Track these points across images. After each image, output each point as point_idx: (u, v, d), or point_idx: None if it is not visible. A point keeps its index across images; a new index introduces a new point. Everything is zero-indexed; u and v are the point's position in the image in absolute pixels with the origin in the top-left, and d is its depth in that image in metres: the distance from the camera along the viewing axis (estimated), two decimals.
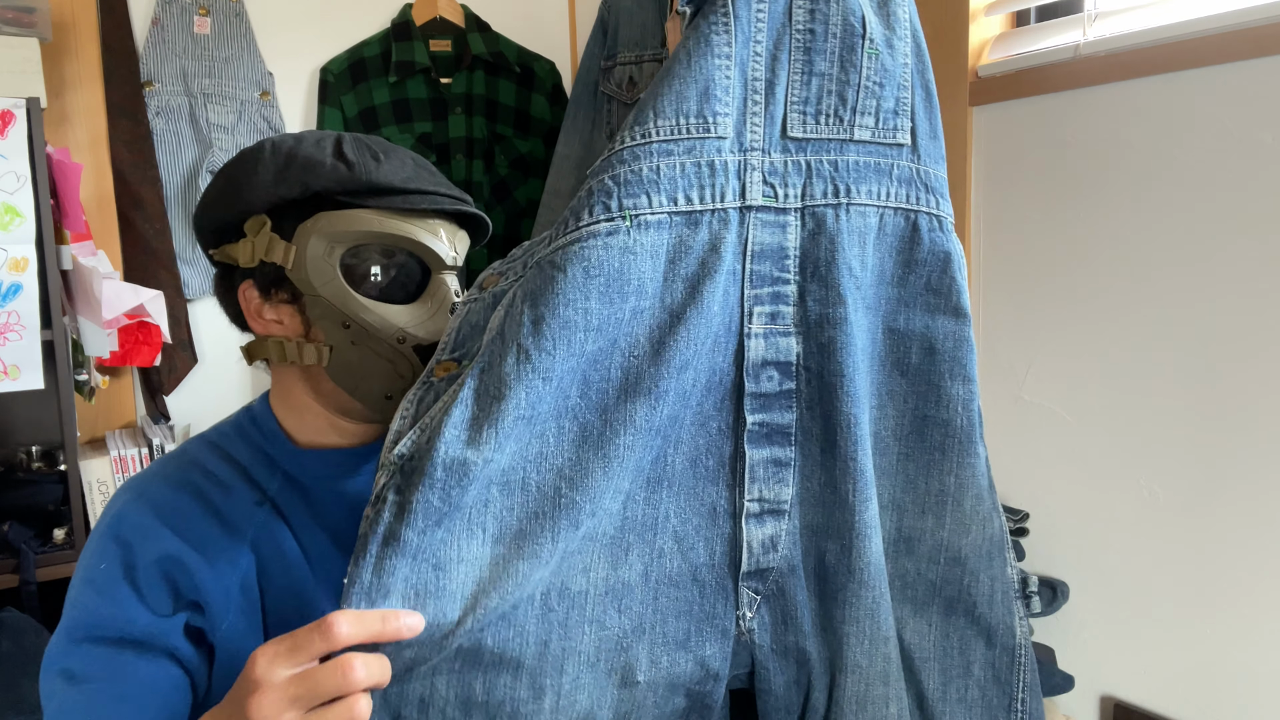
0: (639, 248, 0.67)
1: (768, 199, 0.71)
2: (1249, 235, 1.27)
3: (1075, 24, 1.46)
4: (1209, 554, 1.34)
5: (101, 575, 0.79)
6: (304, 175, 0.81)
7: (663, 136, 0.67)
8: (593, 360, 0.67)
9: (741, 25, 0.69)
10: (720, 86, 0.68)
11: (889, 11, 0.75)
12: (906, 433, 0.76)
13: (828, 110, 0.72)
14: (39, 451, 1.91)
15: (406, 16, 2.24)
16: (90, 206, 1.89)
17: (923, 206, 0.76)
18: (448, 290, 0.85)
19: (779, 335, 0.73)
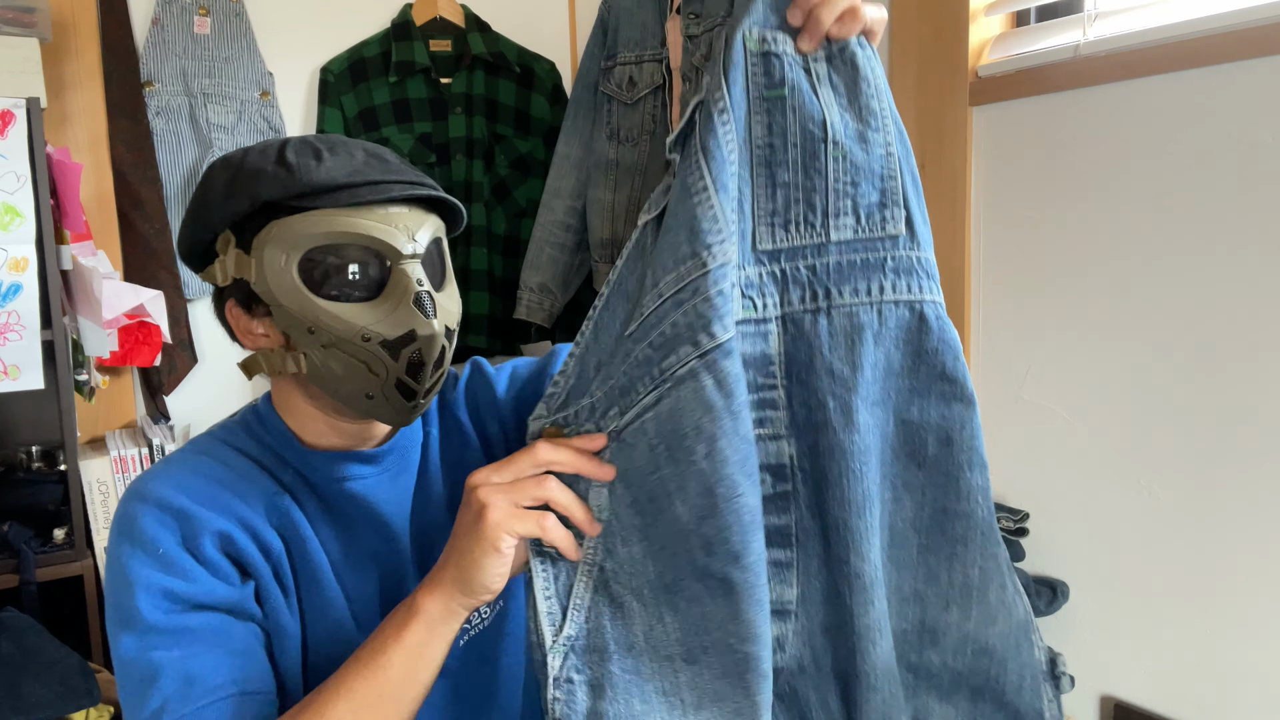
0: (683, 402, 0.70)
1: (747, 311, 0.73)
2: (1249, 235, 1.27)
3: (1075, 24, 1.46)
4: (1209, 554, 1.34)
5: (164, 556, 0.79)
6: (250, 186, 0.80)
7: (672, 291, 0.70)
8: (699, 516, 0.71)
9: (712, 155, 0.71)
10: (706, 219, 0.70)
11: (861, 105, 0.73)
12: (926, 525, 0.75)
13: (797, 218, 0.73)
14: (39, 451, 1.91)
15: (406, 16, 2.24)
16: (90, 206, 1.89)
17: (927, 295, 0.74)
18: (409, 281, 0.81)
19: (768, 440, 0.74)
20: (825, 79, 0.72)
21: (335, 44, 2.20)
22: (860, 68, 0.73)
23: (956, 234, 1.60)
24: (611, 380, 0.74)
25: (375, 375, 0.82)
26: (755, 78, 0.72)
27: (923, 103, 1.64)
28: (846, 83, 0.73)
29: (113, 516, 0.84)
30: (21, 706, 1.31)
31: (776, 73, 0.72)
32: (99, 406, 1.95)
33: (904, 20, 1.67)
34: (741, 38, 0.71)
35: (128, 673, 0.77)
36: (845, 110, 0.72)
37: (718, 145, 0.70)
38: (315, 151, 0.81)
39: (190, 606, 0.78)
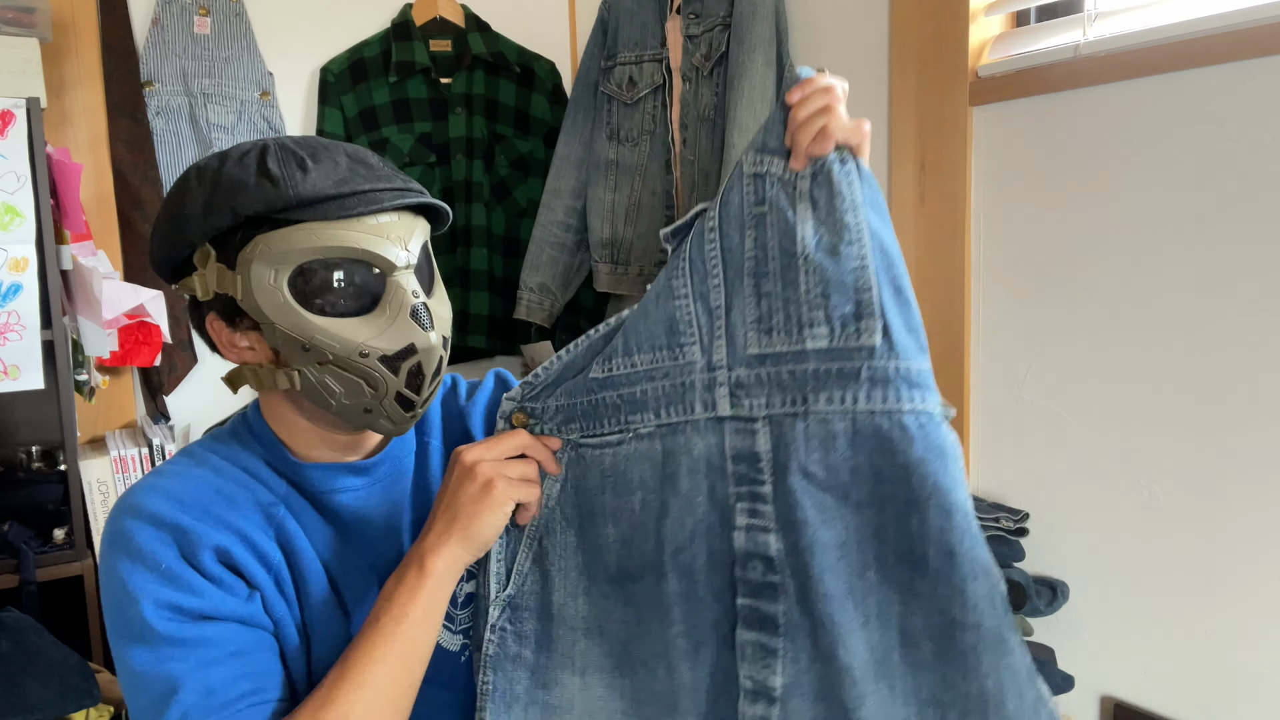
0: (637, 454, 0.83)
1: (736, 410, 0.80)
2: (1249, 235, 1.27)
3: (1075, 24, 1.46)
4: (1209, 554, 1.34)
5: (168, 571, 0.78)
6: (231, 200, 0.77)
7: (645, 367, 0.82)
8: (622, 542, 0.83)
9: (696, 268, 0.81)
10: (683, 321, 0.81)
11: (835, 220, 0.76)
12: (937, 634, 0.75)
13: (778, 326, 0.78)
14: (39, 451, 1.91)
15: (406, 16, 2.25)
16: (90, 206, 1.89)
17: (906, 405, 0.75)
18: (405, 293, 0.80)
19: (759, 531, 0.79)
20: (806, 195, 0.77)
21: (335, 44, 2.20)
22: (835, 184, 0.76)
23: (956, 234, 1.60)
24: (574, 401, 0.85)
25: (374, 390, 0.81)
26: (747, 196, 0.79)
27: (923, 103, 1.64)
28: (825, 198, 0.77)
29: (103, 530, 0.82)
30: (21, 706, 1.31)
31: (761, 192, 0.79)
32: (99, 406, 1.95)
33: (904, 20, 1.67)
34: (741, 161, 0.80)
35: (141, 685, 0.76)
36: (821, 225, 0.77)
37: (703, 259, 0.80)
38: (299, 161, 0.78)
39: (200, 618, 0.77)
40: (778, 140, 0.78)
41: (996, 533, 1.46)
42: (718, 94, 1.92)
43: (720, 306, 0.80)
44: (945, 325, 1.64)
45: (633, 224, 2.09)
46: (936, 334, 1.66)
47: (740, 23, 1.84)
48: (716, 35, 1.91)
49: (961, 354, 1.62)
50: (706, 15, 1.93)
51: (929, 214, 1.65)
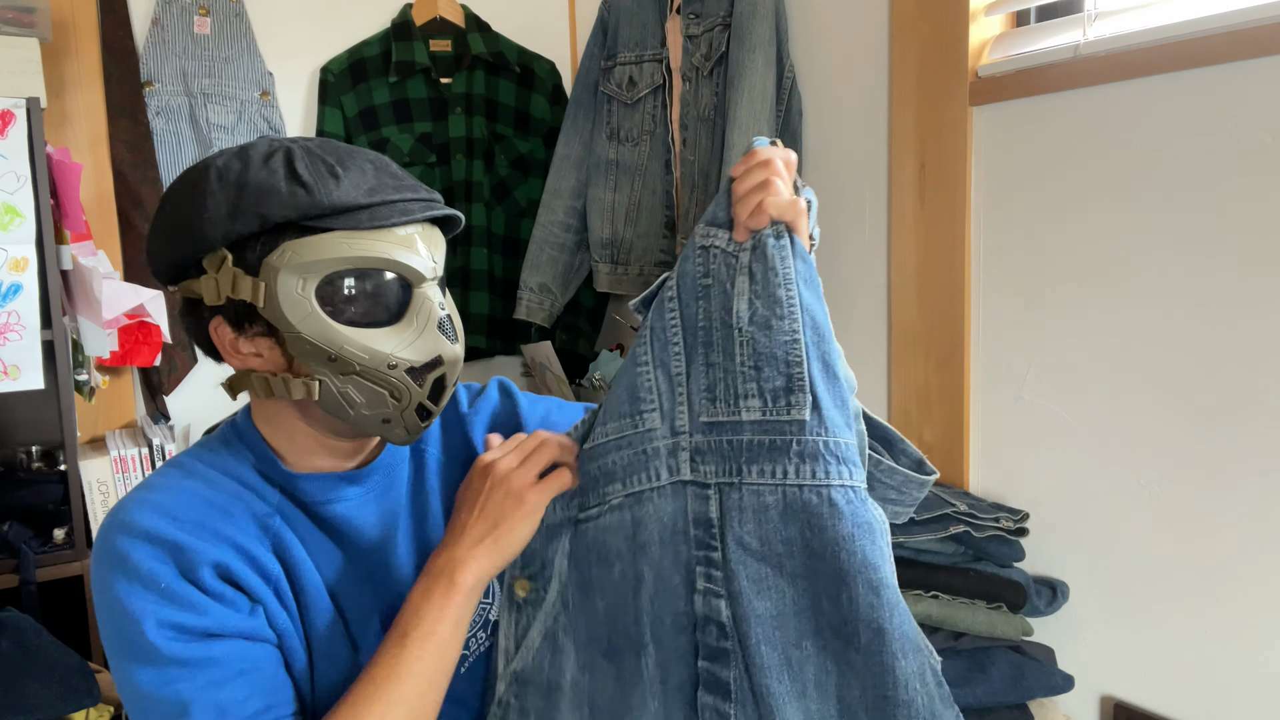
0: (611, 526, 0.83)
1: (695, 475, 0.80)
2: (1249, 235, 1.27)
3: (1075, 24, 1.46)
4: (1209, 554, 1.34)
5: (167, 590, 0.76)
6: (259, 206, 0.75)
7: (612, 437, 0.83)
8: (609, 616, 0.83)
9: (658, 335, 0.82)
10: (643, 389, 0.82)
11: (769, 294, 0.77)
12: (871, 706, 0.76)
13: (721, 395, 0.79)
14: (39, 451, 1.91)
15: (406, 16, 2.25)
16: (90, 206, 1.89)
17: (835, 480, 0.75)
18: (432, 305, 0.80)
19: (714, 596, 0.79)
20: (745, 268, 0.78)
21: (335, 44, 2.20)
22: (769, 258, 0.77)
23: (956, 234, 1.60)
24: (582, 474, 0.86)
25: (397, 400, 0.80)
26: (697, 267, 0.81)
27: (923, 103, 1.64)
28: (760, 272, 0.78)
29: (94, 547, 0.80)
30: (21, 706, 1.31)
31: (706, 265, 0.80)
32: (99, 406, 1.95)
33: (904, 20, 1.67)
34: (694, 233, 0.81)
35: (149, 707, 0.74)
36: (757, 298, 0.78)
37: (664, 328, 0.82)
38: (329, 168, 0.77)
39: (205, 636, 0.76)
40: (725, 213, 0.80)
41: (996, 533, 1.46)
42: (718, 94, 1.92)
43: (681, 374, 0.81)
44: (945, 325, 1.64)
45: (633, 224, 2.09)
46: (936, 334, 1.66)
47: (740, 23, 1.84)
48: (716, 35, 1.91)
49: (961, 354, 1.62)
50: (706, 15, 1.93)
51: (929, 214, 1.65)
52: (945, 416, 1.66)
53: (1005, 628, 1.42)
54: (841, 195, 1.83)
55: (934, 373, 1.67)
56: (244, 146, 0.81)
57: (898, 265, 1.71)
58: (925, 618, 1.39)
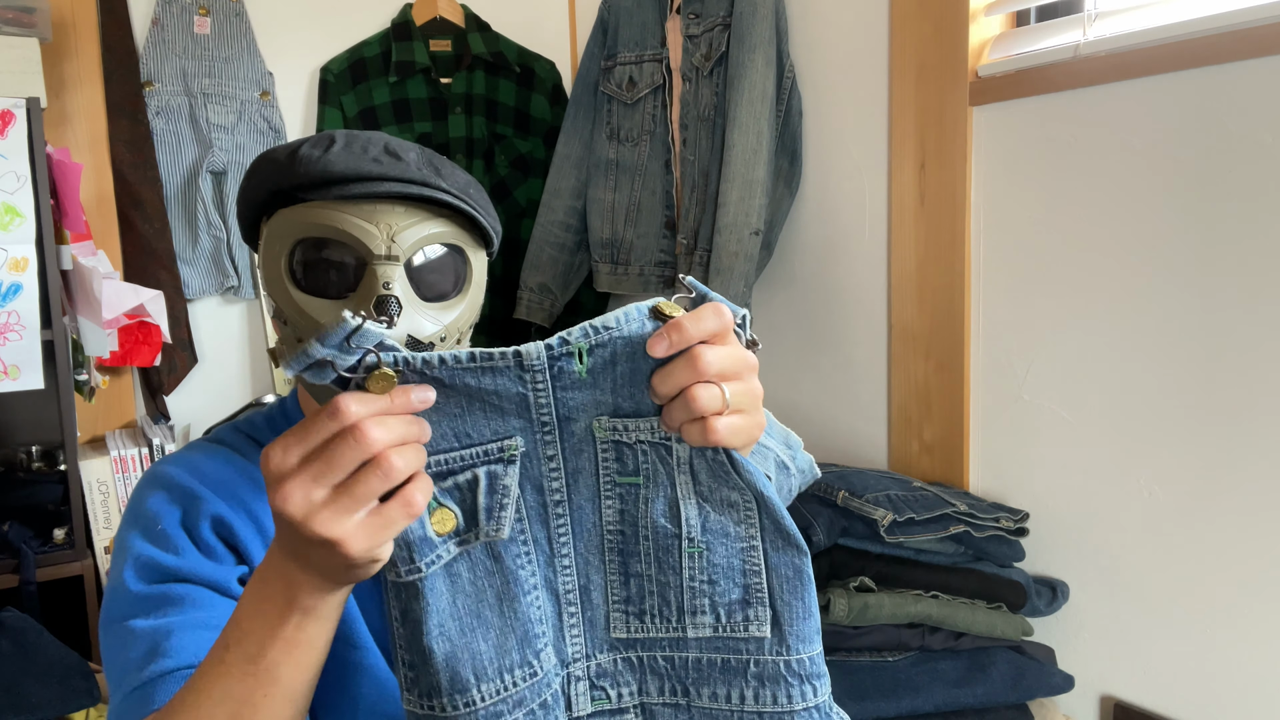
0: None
1: (598, 703, 0.68)
2: (1249, 236, 1.27)
3: (1075, 24, 1.46)
4: (1209, 554, 1.34)
5: (161, 532, 0.80)
6: (263, 175, 0.81)
7: (490, 699, 0.64)
8: None
9: (541, 548, 0.66)
10: (535, 621, 0.66)
11: (721, 498, 0.66)
12: None
13: (652, 610, 0.68)
14: (39, 451, 1.91)
15: (406, 16, 2.25)
16: (90, 206, 1.89)
17: (799, 703, 0.67)
18: (376, 284, 0.78)
19: None
20: (686, 464, 0.66)
21: (335, 44, 2.20)
22: (720, 458, 0.65)
23: (956, 234, 1.60)
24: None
25: None
26: (607, 464, 0.66)
27: (923, 103, 1.64)
28: (708, 471, 0.66)
29: (129, 500, 0.85)
30: (21, 706, 1.31)
31: (630, 460, 0.66)
32: (99, 406, 1.95)
33: (904, 20, 1.67)
34: (590, 426, 0.65)
35: (107, 639, 0.78)
36: (705, 501, 0.66)
37: (549, 537, 0.67)
38: (329, 143, 0.80)
39: (173, 579, 0.78)
40: (635, 402, 0.64)
41: (996, 533, 1.46)
42: (718, 94, 1.92)
43: (572, 590, 0.68)
44: (945, 325, 1.64)
45: (633, 224, 2.10)
46: (937, 334, 1.66)
47: (740, 23, 1.84)
48: (716, 35, 1.91)
49: (961, 354, 1.62)
50: (706, 15, 1.93)
51: (929, 214, 1.65)
52: (945, 416, 1.66)
53: (1005, 628, 1.42)
54: (841, 195, 1.83)
55: (934, 373, 1.67)
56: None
57: (898, 265, 1.71)
58: (925, 618, 1.39)
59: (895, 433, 1.75)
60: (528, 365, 0.62)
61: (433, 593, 0.63)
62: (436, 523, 0.63)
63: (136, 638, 0.75)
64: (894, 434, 1.75)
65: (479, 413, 0.63)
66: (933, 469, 1.69)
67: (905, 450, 1.74)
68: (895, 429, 1.75)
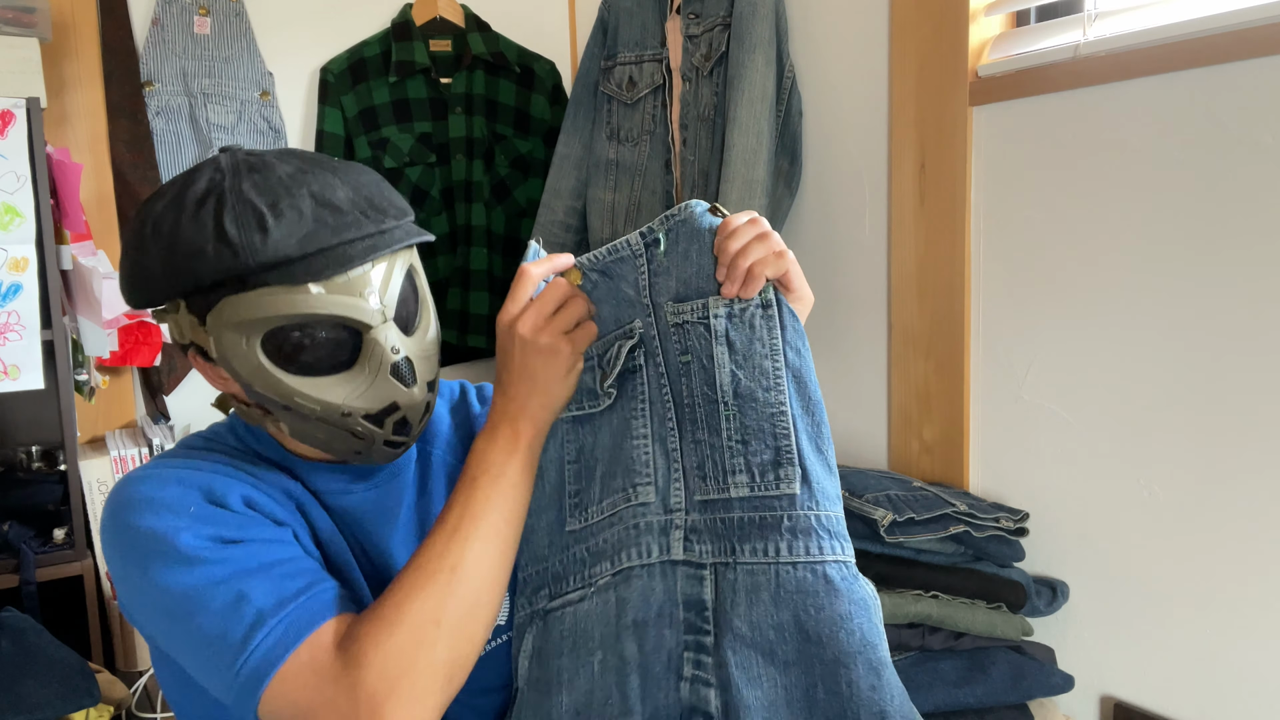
0: (596, 609, 0.79)
1: (688, 554, 0.78)
2: (1249, 236, 1.27)
3: (1075, 24, 1.46)
4: (1209, 554, 1.34)
5: (198, 513, 0.75)
6: (191, 266, 0.72)
7: (608, 512, 0.80)
8: (575, 711, 0.77)
9: (655, 409, 0.81)
10: (640, 462, 0.80)
11: (754, 365, 0.75)
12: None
13: (710, 473, 0.77)
14: (39, 451, 1.91)
15: (406, 16, 2.25)
16: (90, 206, 1.89)
17: (829, 555, 0.72)
18: (384, 350, 0.76)
19: (701, 685, 0.75)
20: (723, 337, 0.77)
21: (335, 44, 2.20)
22: (756, 329, 0.76)
23: (956, 234, 1.60)
24: (545, 565, 0.83)
25: (360, 439, 0.79)
26: (674, 345, 0.80)
27: (923, 103, 1.64)
28: (743, 342, 0.76)
29: (103, 519, 0.79)
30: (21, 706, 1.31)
31: (684, 341, 0.79)
32: (99, 406, 1.95)
33: (904, 20, 1.67)
34: (665, 311, 0.80)
35: (192, 604, 0.72)
36: (739, 369, 0.76)
37: (660, 402, 0.81)
38: (259, 219, 0.72)
39: (237, 542, 0.75)
40: (687, 285, 0.78)
41: (996, 533, 1.46)
42: (718, 94, 1.92)
43: (676, 449, 0.80)
44: (945, 325, 1.64)
45: (633, 224, 2.09)
46: (937, 334, 1.66)
47: (740, 23, 1.84)
48: (716, 35, 1.91)
49: (961, 354, 1.62)
50: (706, 15, 1.93)
51: (929, 214, 1.65)
52: (945, 416, 1.66)
53: (1005, 628, 1.42)
54: (841, 195, 1.83)
55: (934, 373, 1.67)
56: (186, 181, 0.76)
57: (898, 265, 1.71)
58: (925, 618, 1.39)
59: (895, 433, 1.75)
60: (635, 251, 0.81)
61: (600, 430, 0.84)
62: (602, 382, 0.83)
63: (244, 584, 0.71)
64: (894, 434, 1.75)
65: (624, 303, 0.82)
66: (933, 469, 1.69)
67: (905, 450, 1.74)
68: (895, 429, 1.75)
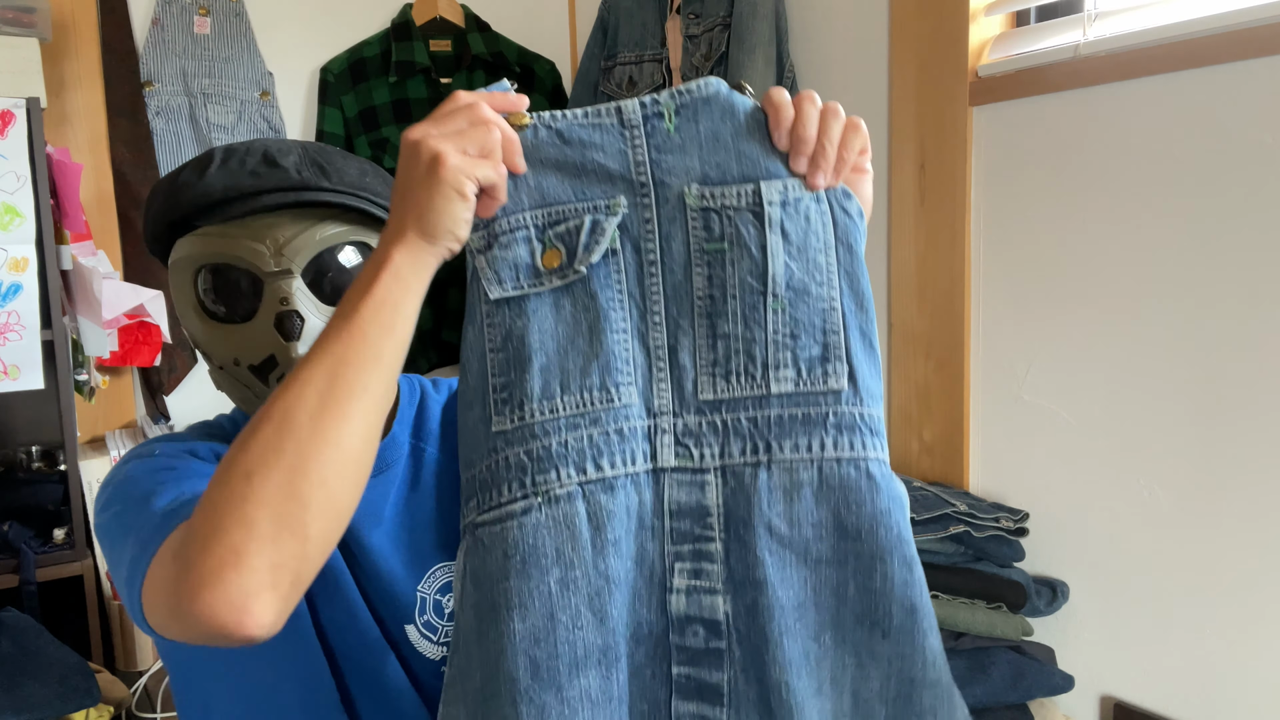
0: (551, 521, 0.70)
1: (682, 459, 0.73)
2: (1249, 236, 1.27)
3: (1075, 24, 1.46)
4: (1209, 554, 1.34)
5: (174, 462, 0.78)
6: (154, 209, 0.80)
7: (569, 411, 0.72)
8: (532, 639, 0.69)
9: (635, 300, 0.74)
10: (621, 359, 0.73)
11: (808, 258, 0.73)
12: (893, 696, 0.72)
13: (738, 369, 0.73)
14: (39, 451, 1.91)
15: (406, 16, 2.25)
16: (90, 206, 1.89)
17: (872, 453, 0.72)
18: (274, 301, 0.77)
19: (703, 593, 0.73)
20: (777, 225, 0.73)
21: (335, 44, 2.20)
22: (812, 222, 0.73)
23: (956, 234, 1.61)
24: (472, 470, 0.74)
25: (251, 392, 0.80)
26: (696, 232, 0.74)
27: (923, 103, 1.64)
28: (797, 233, 0.73)
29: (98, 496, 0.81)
30: (21, 706, 1.31)
31: (716, 228, 0.73)
32: (99, 406, 1.95)
33: (904, 20, 1.67)
34: (681, 194, 0.74)
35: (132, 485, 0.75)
36: (792, 260, 0.73)
37: (643, 295, 0.74)
38: (206, 164, 0.78)
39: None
40: (722, 170, 0.73)
41: (996, 533, 1.46)
42: None
43: (662, 347, 0.74)
44: (945, 325, 1.64)
45: None
46: (937, 334, 1.66)
47: (740, 23, 1.84)
48: (716, 35, 1.91)
49: (961, 354, 1.62)
50: (706, 15, 1.93)
51: (929, 214, 1.65)
52: (945, 416, 1.66)
53: (1005, 628, 1.42)
54: None
55: (934, 373, 1.67)
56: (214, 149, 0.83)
57: (898, 265, 1.71)
58: None
59: (895, 433, 1.75)
60: (627, 121, 0.74)
61: (536, 314, 0.73)
62: (546, 259, 0.74)
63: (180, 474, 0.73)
64: (894, 434, 1.75)
65: (592, 175, 0.74)
66: (933, 469, 1.69)
67: (905, 450, 1.74)
68: (895, 429, 1.75)
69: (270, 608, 0.60)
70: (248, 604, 0.59)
